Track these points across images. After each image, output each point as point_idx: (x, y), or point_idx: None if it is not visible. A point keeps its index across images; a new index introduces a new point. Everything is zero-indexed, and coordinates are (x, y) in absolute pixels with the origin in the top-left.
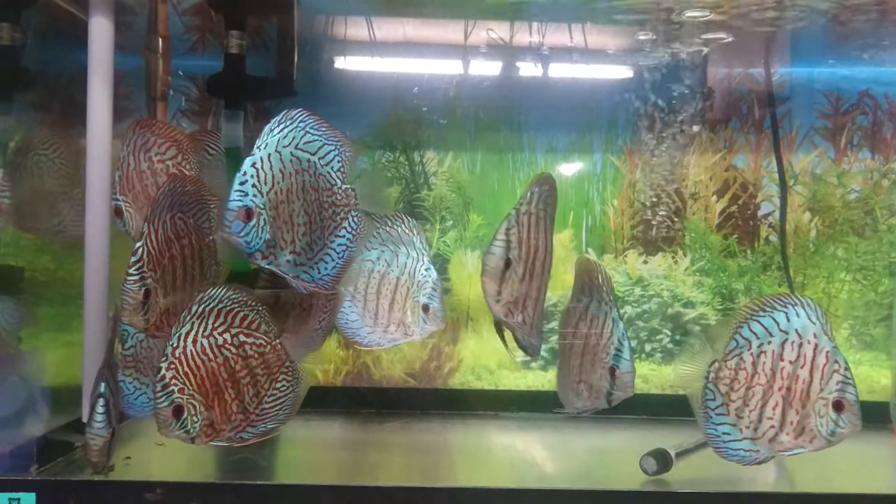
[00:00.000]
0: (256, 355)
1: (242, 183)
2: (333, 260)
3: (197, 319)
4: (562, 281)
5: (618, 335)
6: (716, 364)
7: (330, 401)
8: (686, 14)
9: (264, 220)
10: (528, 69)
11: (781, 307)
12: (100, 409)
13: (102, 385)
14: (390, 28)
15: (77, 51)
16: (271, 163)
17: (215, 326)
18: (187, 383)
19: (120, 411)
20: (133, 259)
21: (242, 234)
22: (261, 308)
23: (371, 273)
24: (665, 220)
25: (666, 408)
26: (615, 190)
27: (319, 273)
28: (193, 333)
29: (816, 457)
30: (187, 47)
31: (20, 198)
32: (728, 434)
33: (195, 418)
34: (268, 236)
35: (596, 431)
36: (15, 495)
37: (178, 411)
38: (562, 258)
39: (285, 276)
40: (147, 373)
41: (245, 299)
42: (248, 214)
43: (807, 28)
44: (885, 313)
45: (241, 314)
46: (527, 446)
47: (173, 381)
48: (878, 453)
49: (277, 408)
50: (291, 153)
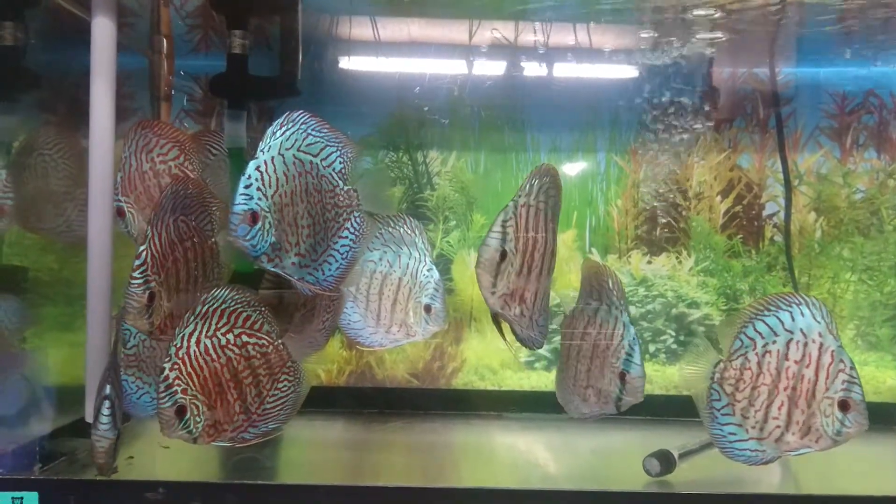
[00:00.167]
0: (259, 356)
1: (247, 186)
2: (337, 261)
3: (200, 320)
4: (565, 281)
5: (629, 339)
6: (721, 364)
7: (333, 401)
8: (691, 13)
9: (269, 224)
10: (532, 68)
11: (786, 306)
12: (105, 412)
13: (108, 387)
14: (394, 28)
15: (80, 51)
16: (275, 166)
17: (218, 327)
18: (190, 384)
19: (124, 412)
20: (137, 262)
21: (248, 238)
22: (263, 308)
23: (373, 274)
24: (669, 221)
25: (670, 409)
26: (619, 190)
27: (323, 274)
28: (197, 334)
29: (821, 458)
30: (190, 47)
31: (24, 198)
32: (734, 434)
33: (198, 418)
34: (273, 239)
35: (599, 432)
36: (18, 494)
37: (181, 411)
38: (565, 258)
39: (290, 279)
40: (149, 372)
41: (248, 300)
42: (254, 218)
43: (812, 27)
44: (891, 314)
45: (244, 315)
46: (530, 447)
47: (176, 382)
48: (884, 454)
49: (279, 408)
50: (294, 155)
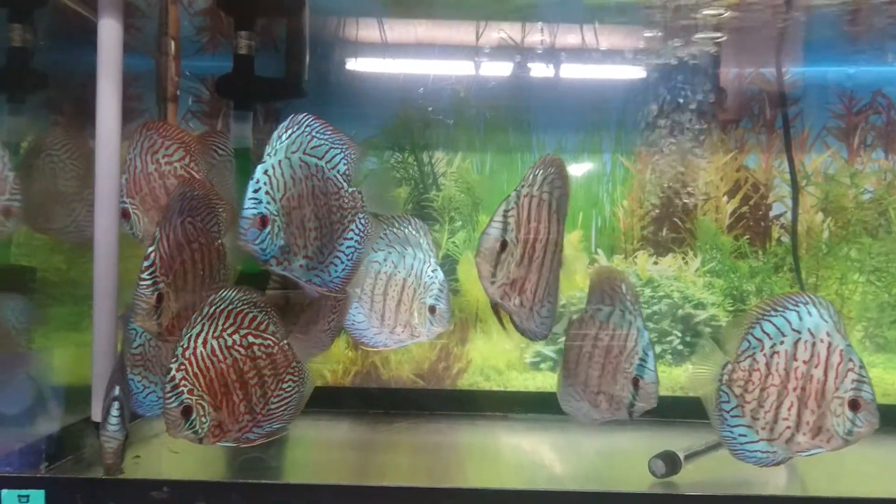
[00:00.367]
0: (264, 356)
1: (256, 191)
2: (343, 262)
3: (207, 321)
4: (571, 282)
5: (642, 345)
6: (729, 366)
7: (339, 401)
8: (697, 13)
9: (278, 227)
10: (537, 69)
11: (793, 306)
12: (115, 412)
13: (117, 388)
14: (400, 29)
15: (88, 53)
16: (282, 169)
17: (225, 328)
18: (196, 384)
19: (132, 412)
20: (146, 264)
21: (258, 242)
22: (269, 309)
23: (378, 274)
24: (675, 221)
25: (676, 410)
26: (625, 190)
27: (330, 276)
28: (203, 335)
29: (829, 460)
30: (198, 48)
31: (33, 198)
32: (744, 436)
33: (203, 419)
34: (282, 242)
35: (605, 434)
36: (24, 492)
37: (187, 412)
38: (570, 258)
39: (298, 281)
40: (155, 371)
41: (254, 300)
42: (263, 222)
43: (819, 26)
44: None
45: (251, 315)
46: (535, 447)
47: (183, 382)
48: (893, 457)
49: (283, 408)
50: (300, 158)
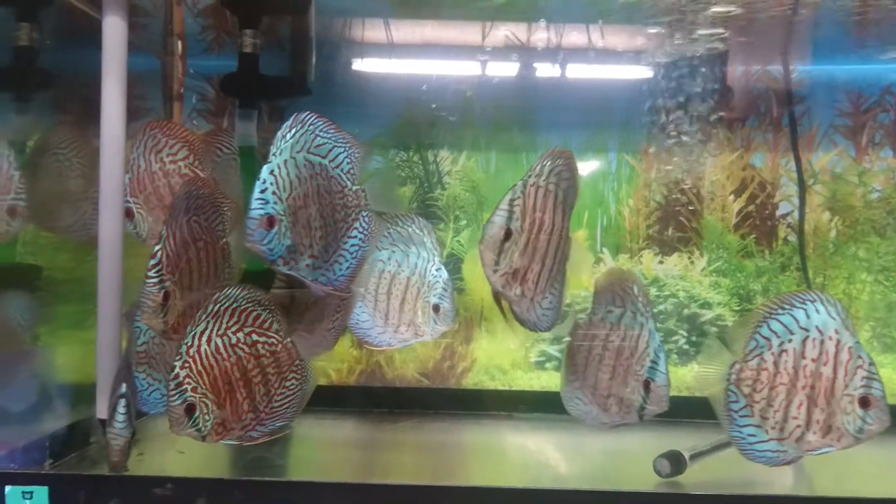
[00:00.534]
0: (268, 354)
1: (263, 191)
2: (347, 261)
3: (212, 319)
4: (575, 281)
5: (654, 347)
6: (737, 365)
7: (344, 400)
8: (702, 11)
9: (285, 227)
10: (543, 69)
11: (800, 304)
12: (121, 410)
13: (123, 386)
14: (405, 29)
15: (94, 52)
16: (288, 169)
17: (229, 325)
18: (200, 382)
19: (137, 410)
20: (152, 262)
21: (266, 242)
22: (273, 307)
23: (382, 273)
24: (681, 220)
25: (682, 410)
26: (630, 189)
27: (335, 274)
28: (208, 332)
29: (837, 460)
30: (203, 47)
31: (39, 197)
32: (754, 436)
33: (207, 417)
34: (289, 242)
35: (610, 433)
36: (28, 488)
37: (191, 410)
38: (576, 254)
39: (304, 280)
40: (160, 369)
41: (258, 298)
42: (271, 222)
43: (826, 23)
44: None
45: (255, 313)
46: (540, 447)
47: (187, 380)
48: None
49: (286, 406)
50: (305, 158)
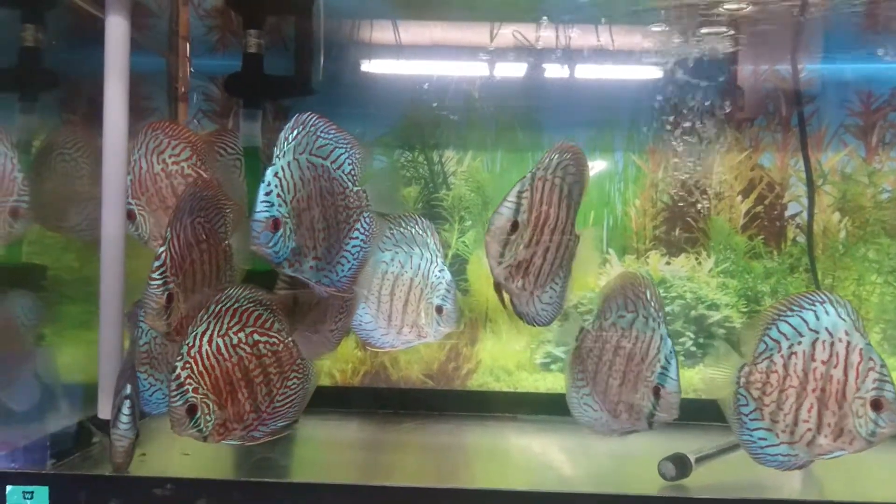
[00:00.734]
0: (270, 354)
1: (267, 193)
2: (349, 262)
3: (213, 319)
4: (581, 282)
5: (665, 353)
6: (746, 368)
7: (348, 401)
8: (712, 9)
9: (290, 229)
10: (549, 69)
11: (809, 305)
12: (126, 411)
13: (128, 387)
14: (413, 30)
15: (100, 52)
16: (291, 171)
17: (230, 326)
18: (202, 382)
19: (141, 410)
20: (156, 263)
21: (271, 245)
22: (274, 307)
23: (385, 274)
24: (688, 221)
25: (689, 412)
26: (637, 189)
27: (337, 276)
28: (209, 333)
29: (847, 464)
30: (208, 47)
31: (45, 197)
32: (764, 440)
33: (208, 417)
34: (294, 244)
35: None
36: (29, 488)
37: (192, 410)
38: (583, 253)
39: (308, 282)
40: (161, 369)
41: (259, 298)
42: (276, 225)
43: (836, 22)
44: None
45: (256, 313)
46: (544, 449)
47: (188, 381)
48: None
49: (288, 405)
50: (307, 159)
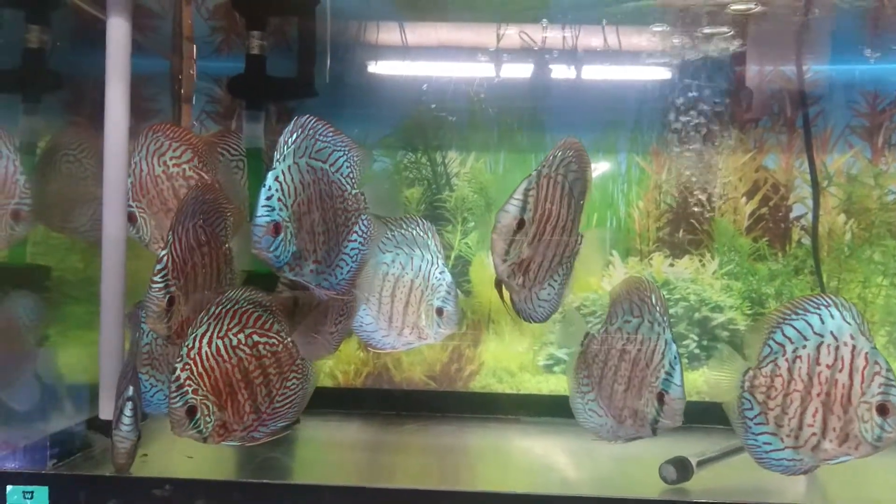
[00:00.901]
0: (269, 355)
1: (268, 198)
2: (348, 264)
3: (213, 320)
4: (583, 283)
5: (669, 358)
6: (750, 372)
7: (350, 402)
8: (717, 10)
9: (291, 233)
10: (552, 70)
11: (814, 309)
12: (128, 413)
13: (131, 388)
14: (414, 31)
15: (103, 53)
16: (292, 175)
17: (230, 327)
18: (201, 384)
19: (143, 412)
20: (158, 266)
21: (272, 249)
22: (273, 308)
23: (386, 276)
24: (692, 223)
25: (692, 415)
26: (640, 191)
27: (336, 279)
28: (209, 334)
29: (851, 468)
30: (212, 49)
31: (49, 198)
32: (769, 444)
33: (208, 418)
34: (294, 248)
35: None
36: (28, 488)
37: (192, 411)
38: (587, 252)
39: (309, 285)
40: (163, 370)
41: (259, 300)
42: (277, 229)
43: (843, 23)
44: None
45: (255, 314)
46: (547, 451)
47: (188, 382)
48: None
49: (287, 406)
50: (307, 163)
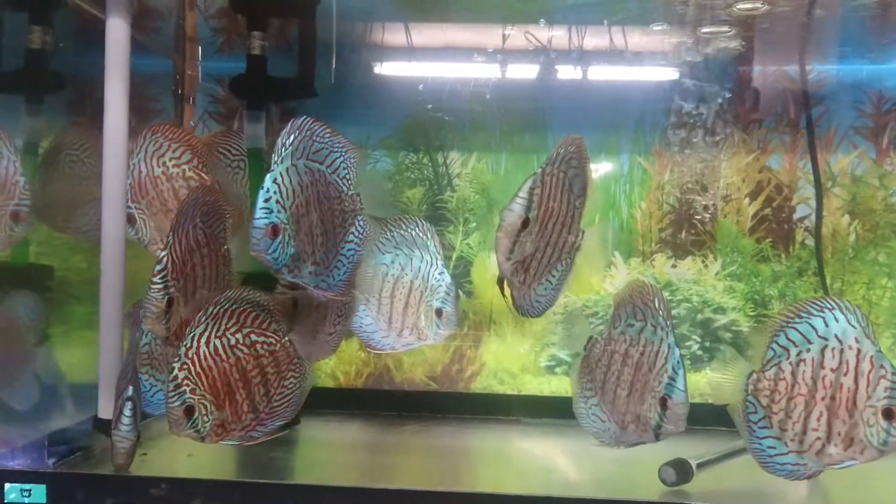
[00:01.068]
0: (267, 354)
1: (267, 200)
2: (345, 265)
3: (211, 320)
4: (585, 284)
5: (672, 362)
6: (754, 375)
7: (351, 403)
8: (719, 10)
9: (289, 235)
10: (555, 70)
11: (818, 312)
12: (128, 413)
13: (130, 388)
14: (418, 32)
15: (103, 53)
16: (290, 177)
17: (228, 327)
18: (199, 383)
19: (142, 411)
20: (158, 267)
21: (271, 252)
22: (271, 307)
23: (385, 277)
24: (695, 224)
25: (694, 417)
26: (643, 192)
27: (334, 280)
28: (207, 334)
29: (855, 472)
30: (214, 49)
31: (52, 198)
32: (773, 448)
33: (206, 418)
34: (293, 250)
35: None
36: (26, 486)
37: (190, 411)
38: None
39: (307, 287)
40: (162, 370)
41: (256, 299)
42: (275, 231)
43: (847, 23)
44: None
45: (253, 314)
46: (547, 452)
47: (185, 382)
48: None
49: (285, 405)
50: (305, 165)
